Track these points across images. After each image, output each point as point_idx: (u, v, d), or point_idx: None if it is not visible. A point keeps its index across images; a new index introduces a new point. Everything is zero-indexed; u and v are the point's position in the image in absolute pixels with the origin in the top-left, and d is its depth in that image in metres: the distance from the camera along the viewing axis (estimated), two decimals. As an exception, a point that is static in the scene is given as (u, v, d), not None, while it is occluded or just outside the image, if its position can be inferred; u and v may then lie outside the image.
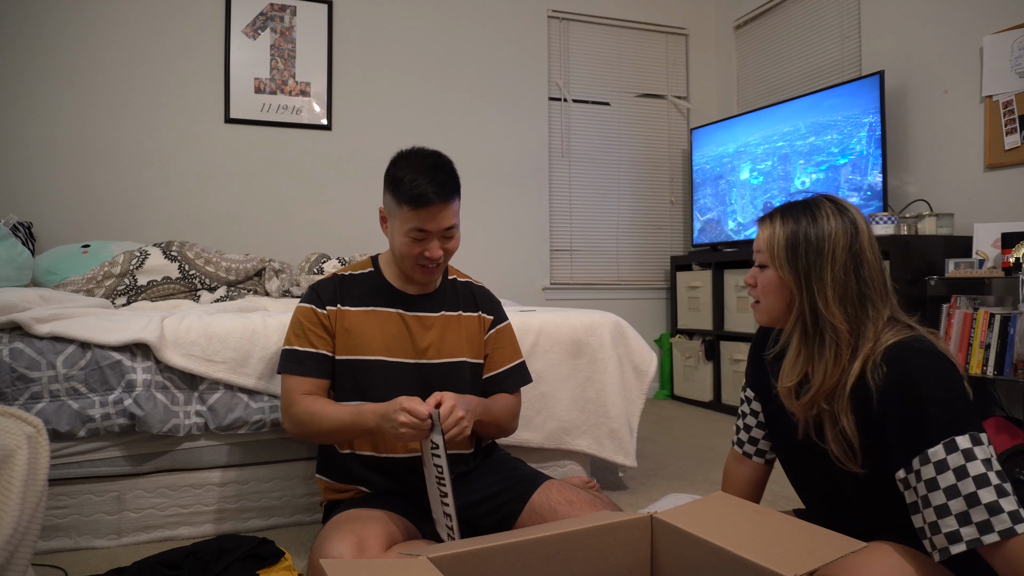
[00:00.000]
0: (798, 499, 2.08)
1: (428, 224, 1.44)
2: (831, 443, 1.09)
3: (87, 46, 3.24)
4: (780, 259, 1.12)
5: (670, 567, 1.07)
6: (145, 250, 2.59)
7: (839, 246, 1.08)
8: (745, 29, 4.28)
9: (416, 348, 1.53)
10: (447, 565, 0.96)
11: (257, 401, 1.80)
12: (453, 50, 3.86)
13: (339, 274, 1.59)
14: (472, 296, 1.64)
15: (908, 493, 1.00)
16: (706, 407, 3.82)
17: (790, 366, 1.13)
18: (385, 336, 1.52)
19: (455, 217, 1.48)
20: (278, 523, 1.87)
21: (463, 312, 1.60)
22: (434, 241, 1.46)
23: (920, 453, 0.97)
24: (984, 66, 2.82)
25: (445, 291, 1.61)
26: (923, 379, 0.99)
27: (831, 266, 1.08)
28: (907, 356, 1.02)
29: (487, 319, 1.64)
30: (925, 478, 0.96)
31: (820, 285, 1.08)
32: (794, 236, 1.10)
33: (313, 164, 3.60)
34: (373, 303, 1.54)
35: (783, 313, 1.15)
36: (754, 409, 1.33)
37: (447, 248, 1.49)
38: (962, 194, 2.93)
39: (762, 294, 1.17)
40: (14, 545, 0.88)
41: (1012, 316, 2.40)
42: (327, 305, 1.53)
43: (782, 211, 1.15)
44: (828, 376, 1.07)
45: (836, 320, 1.07)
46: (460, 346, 1.57)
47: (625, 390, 2.16)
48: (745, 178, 3.80)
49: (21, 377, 1.63)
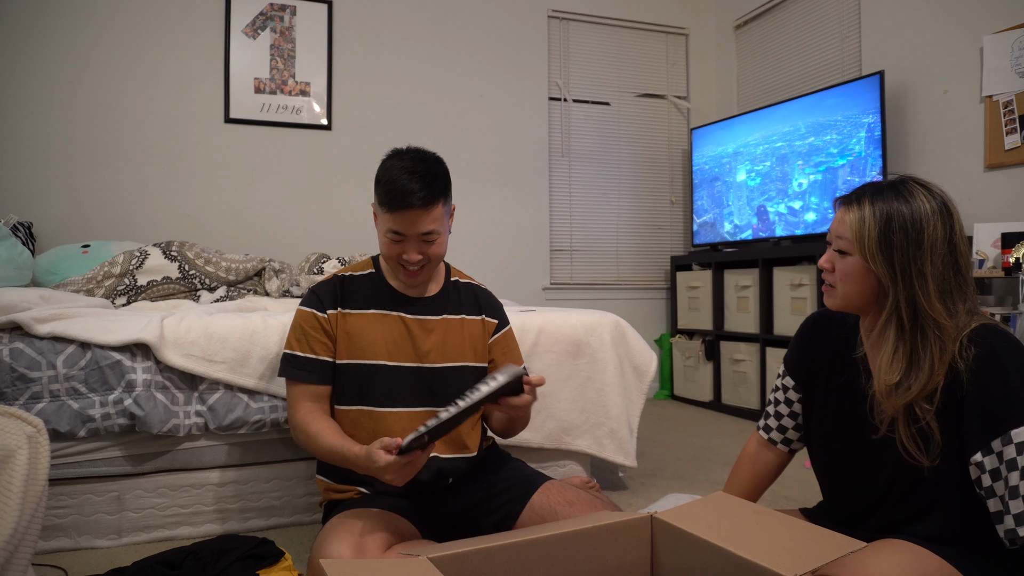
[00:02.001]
0: (798, 499, 2.08)
1: (403, 227, 1.41)
2: (904, 438, 1.05)
3: (87, 46, 3.23)
4: (871, 250, 1.04)
5: (670, 567, 1.07)
6: (145, 250, 2.59)
7: (939, 238, 1.02)
8: (745, 29, 4.28)
9: (418, 352, 1.51)
10: (447, 565, 0.96)
11: (257, 401, 1.81)
12: (453, 50, 3.86)
13: (339, 275, 1.56)
14: (475, 299, 1.62)
15: (983, 477, 0.98)
16: (706, 407, 3.81)
17: (888, 362, 1.06)
18: (387, 340, 1.50)
19: (435, 223, 1.42)
20: (278, 523, 1.87)
21: (466, 316, 1.58)
22: (411, 244, 1.43)
23: (1003, 434, 0.96)
24: (984, 66, 2.82)
25: (448, 293, 1.58)
26: (1009, 360, 0.98)
27: (931, 260, 1.02)
28: (993, 337, 1.01)
29: (491, 323, 1.62)
30: (1007, 459, 0.95)
31: (921, 280, 1.02)
32: (888, 224, 1.03)
33: (313, 164, 3.60)
34: (375, 306, 1.52)
35: (864, 303, 1.10)
36: (789, 398, 1.30)
37: (427, 252, 1.45)
38: (962, 194, 2.93)
39: (841, 281, 1.11)
40: (14, 545, 0.88)
41: (1012, 316, 2.40)
42: (328, 309, 1.51)
43: (871, 193, 1.07)
44: (936, 373, 1.02)
45: (940, 316, 1.02)
46: (463, 350, 1.55)
47: (625, 390, 2.16)
48: (742, 179, 3.80)
49: (21, 377, 1.63)
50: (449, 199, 1.48)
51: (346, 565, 0.96)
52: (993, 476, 0.97)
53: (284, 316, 1.94)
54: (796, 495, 2.13)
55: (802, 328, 1.29)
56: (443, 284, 1.59)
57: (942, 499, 1.06)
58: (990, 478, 0.98)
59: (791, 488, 2.18)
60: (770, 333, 3.41)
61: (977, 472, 0.99)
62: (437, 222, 1.43)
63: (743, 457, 1.37)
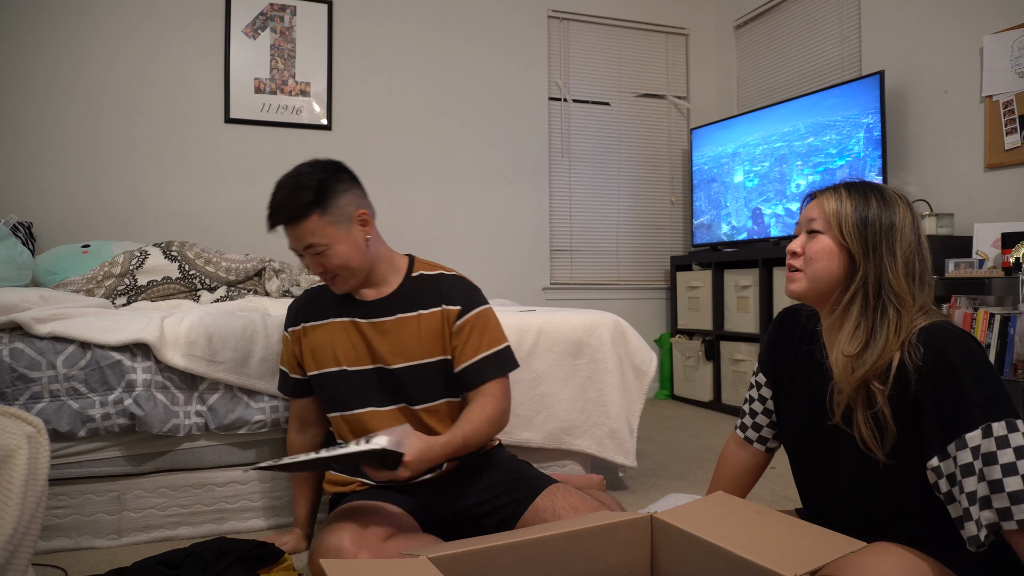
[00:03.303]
0: (798, 499, 2.08)
1: (291, 242, 1.47)
2: (861, 426, 1.07)
3: (87, 46, 3.23)
4: (848, 227, 1.10)
5: (670, 567, 1.07)
6: (145, 250, 2.59)
7: (908, 224, 1.09)
8: (745, 29, 4.28)
9: (374, 355, 1.52)
10: (447, 565, 0.96)
11: (257, 401, 1.81)
12: (453, 50, 3.86)
13: (310, 288, 1.66)
14: (437, 289, 1.55)
15: (941, 482, 0.99)
16: (706, 407, 3.82)
17: (848, 336, 1.10)
18: (344, 346, 1.53)
19: (312, 236, 1.42)
20: (278, 523, 1.87)
21: (422, 311, 1.53)
22: (308, 258, 1.47)
23: (957, 438, 0.96)
24: (984, 66, 2.82)
25: (404, 291, 1.55)
26: (961, 361, 0.98)
27: (901, 240, 1.08)
28: (943, 338, 1.01)
29: (452, 311, 1.53)
30: (961, 463, 0.96)
31: (891, 258, 1.08)
32: (864, 209, 1.10)
33: (313, 164, 3.59)
34: (330, 315, 1.56)
35: (831, 282, 1.12)
36: (763, 395, 1.31)
37: (325, 265, 1.46)
38: (962, 194, 2.93)
39: (810, 260, 1.14)
40: (14, 545, 0.88)
41: (1012, 316, 2.40)
42: (291, 326, 1.62)
43: (846, 186, 1.14)
44: (888, 348, 1.06)
45: (903, 292, 1.06)
46: (421, 347, 1.51)
47: (625, 390, 2.16)
48: (739, 181, 3.80)
49: (21, 377, 1.63)
50: (332, 209, 1.44)
51: (346, 565, 0.96)
52: (950, 481, 0.98)
53: (284, 316, 1.94)
54: (796, 495, 2.13)
55: (771, 325, 1.32)
56: (400, 283, 1.56)
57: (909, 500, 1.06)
58: (947, 483, 0.98)
59: (791, 488, 2.18)
60: (770, 333, 3.41)
61: (935, 477, 1.00)
62: (315, 235, 1.43)
63: (721, 457, 1.39)
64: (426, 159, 3.79)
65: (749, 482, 1.36)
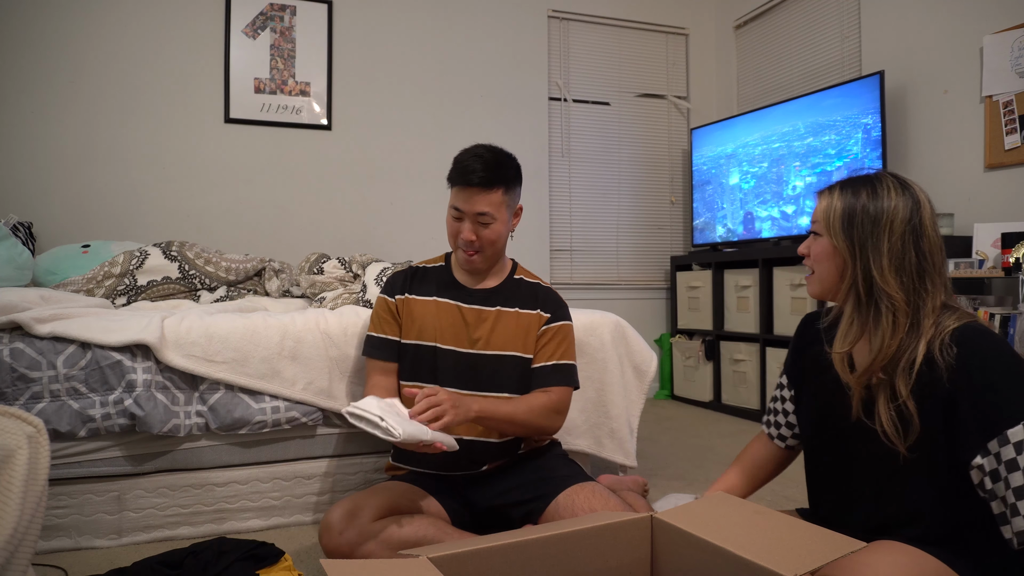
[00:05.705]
0: (798, 499, 2.08)
1: (462, 203, 1.54)
2: (883, 418, 1.07)
3: (87, 46, 3.23)
4: (835, 228, 1.11)
5: (670, 567, 1.08)
6: (145, 250, 2.59)
7: (898, 218, 1.07)
8: (745, 29, 4.28)
9: (469, 338, 1.62)
10: (447, 565, 0.96)
11: (258, 401, 1.81)
12: (453, 50, 3.86)
13: (414, 266, 1.74)
14: (534, 295, 1.69)
15: (985, 480, 0.99)
16: (706, 407, 3.81)
17: (843, 333, 1.12)
18: (443, 324, 1.62)
19: (490, 206, 1.54)
20: (278, 523, 1.87)
21: (520, 309, 1.66)
22: (468, 224, 1.55)
23: (999, 435, 0.96)
24: (984, 66, 2.82)
25: (506, 288, 1.68)
26: (996, 360, 0.99)
27: (888, 236, 1.07)
28: (978, 338, 1.02)
29: (544, 316, 1.67)
30: (1005, 459, 0.96)
31: (876, 254, 1.07)
32: (852, 207, 1.10)
33: (313, 164, 3.59)
34: (437, 294, 1.66)
35: (835, 282, 1.15)
36: (783, 395, 1.34)
37: (481, 235, 1.56)
38: (962, 194, 2.93)
39: (815, 262, 1.17)
40: (14, 545, 0.88)
41: (1012, 316, 2.40)
42: (396, 294, 1.68)
43: (842, 183, 1.15)
44: (886, 345, 1.06)
45: (891, 289, 1.06)
46: (511, 340, 1.63)
47: (625, 390, 2.16)
48: (735, 182, 3.80)
49: (21, 377, 1.63)
50: (513, 192, 1.60)
51: (346, 565, 0.96)
52: (993, 478, 0.97)
53: (284, 316, 1.94)
54: (796, 495, 2.13)
55: (797, 328, 1.34)
56: (504, 280, 1.69)
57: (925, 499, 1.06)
58: (991, 480, 0.98)
59: (791, 488, 2.18)
60: (770, 333, 3.41)
61: (979, 476, 0.99)
62: (493, 207, 1.55)
63: (746, 447, 1.41)
64: (426, 159, 3.78)
65: (765, 475, 1.37)
